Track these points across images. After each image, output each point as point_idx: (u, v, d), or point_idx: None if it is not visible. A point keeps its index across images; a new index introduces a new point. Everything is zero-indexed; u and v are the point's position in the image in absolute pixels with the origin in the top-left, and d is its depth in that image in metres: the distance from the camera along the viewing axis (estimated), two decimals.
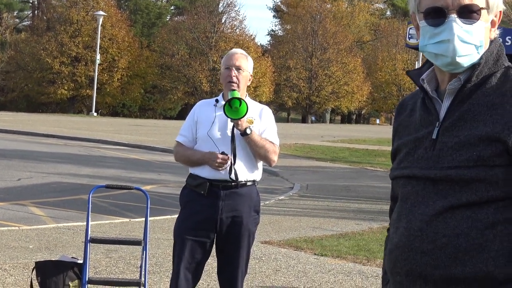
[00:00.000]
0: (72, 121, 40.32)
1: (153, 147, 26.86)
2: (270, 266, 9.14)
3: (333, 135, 37.42)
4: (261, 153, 5.59)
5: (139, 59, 59.86)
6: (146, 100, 63.64)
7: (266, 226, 11.93)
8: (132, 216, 12.64)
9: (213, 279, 7.74)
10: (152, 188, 16.15)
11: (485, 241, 2.30)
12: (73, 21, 57.13)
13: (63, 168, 19.07)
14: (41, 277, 6.74)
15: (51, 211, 12.99)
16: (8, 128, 31.15)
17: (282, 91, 63.68)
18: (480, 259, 2.30)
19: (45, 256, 8.76)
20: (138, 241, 6.90)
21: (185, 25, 60.62)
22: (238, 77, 5.66)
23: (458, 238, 2.33)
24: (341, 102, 66.10)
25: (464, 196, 2.35)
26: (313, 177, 20.41)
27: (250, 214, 5.63)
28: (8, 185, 15.74)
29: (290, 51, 64.65)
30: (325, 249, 10.27)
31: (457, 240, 2.33)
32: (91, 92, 52.09)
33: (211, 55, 58.12)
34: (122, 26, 58.77)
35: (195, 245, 5.56)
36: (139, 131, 34.85)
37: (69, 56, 56.34)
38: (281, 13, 76.11)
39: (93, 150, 24.91)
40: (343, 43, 64.82)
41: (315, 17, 65.19)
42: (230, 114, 5.43)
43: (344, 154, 27.36)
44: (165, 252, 9.34)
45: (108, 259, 9.04)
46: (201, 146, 5.61)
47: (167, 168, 20.31)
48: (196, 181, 5.58)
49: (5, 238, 10.06)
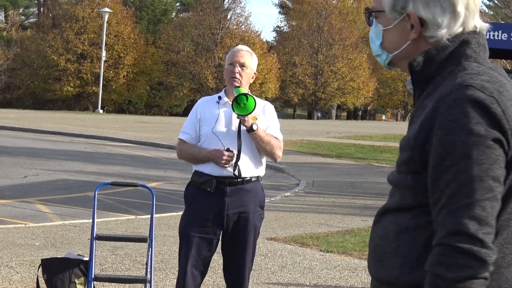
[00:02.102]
0: (78, 118, 40.34)
1: (159, 144, 26.86)
2: (276, 262, 9.14)
3: (339, 131, 37.39)
4: (267, 149, 5.60)
5: (145, 56, 59.85)
6: (152, 97, 63.66)
7: (272, 222, 11.93)
8: (138, 213, 12.65)
9: (219, 276, 7.74)
10: (158, 185, 16.16)
11: (398, 246, 2.33)
12: (79, 18, 57.14)
13: (69, 165, 19.08)
14: (47, 275, 6.74)
15: (57, 208, 13.00)
16: (14, 125, 31.19)
17: (288, 87, 63.62)
18: (392, 264, 2.33)
19: (51, 254, 8.77)
20: (144, 238, 6.90)
21: (191, 22, 60.59)
22: (241, 74, 5.66)
23: (382, 240, 2.38)
24: (347, 98, 66.02)
25: (392, 200, 2.41)
26: (319, 173, 20.40)
27: (256, 210, 5.64)
28: (15, 182, 15.76)
29: (296, 47, 64.58)
30: (331, 245, 10.26)
31: (381, 243, 2.38)
32: (97, 89, 52.11)
33: (217, 52, 58.09)
34: (128, 23, 58.76)
35: (202, 242, 5.56)
36: (145, 128, 34.86)
37: (74, 53, 56.36)
38: (287, 9, 76.03)
39: (99, 147, 24.93)
40: (348, 39, 64.72)
41: (320, 13, 65.09)
42: (238, 111, 5.42)
43: (350, 150, 27.34)
44: (171, 249, 9.34)
45: (114, 256, 9.05)
46: (206, 144, 5.61)
47: (173, 165, 20.31)
48: (202, 178, 5.58)
49: (12, 236, 10.08)
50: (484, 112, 2.19)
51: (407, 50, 2.41)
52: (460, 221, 2.17)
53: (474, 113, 2.19)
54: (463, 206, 2.17)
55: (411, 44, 2.40)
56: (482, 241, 2.14)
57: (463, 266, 2.14)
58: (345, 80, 64.42)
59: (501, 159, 2.19)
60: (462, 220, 2.16)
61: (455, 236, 2.16)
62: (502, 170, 2.19)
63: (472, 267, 2.13)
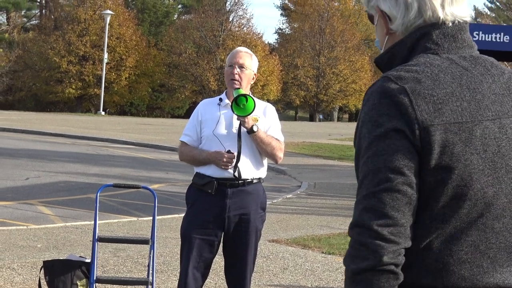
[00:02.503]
0: (80, 120, 40.36)
1: (161, 146, 26.87)
2: (277, 264, 9.14)
3: (341, 133, 37.40)
4: (268, 150, 5.60)
5: (147, 58, 59.86)
6: (153, 99, 63.67)
7: (273, 224, 11.93)
8: (139, 215, 12.66)
9: (220, 278, 7.74)
10: (160, 187, 16.16)
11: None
12: (81, 20, 57.16)
13: (71, 167, 19.09)
14: (49, 276, 6.75)
15: (59, 210, 13.00)
16: (16, 127, 31.20)
17: (290, 89, 63.63)
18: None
19: (53, 255, 8.77)
20: (145, 240, 6.90)
21: (193, 24, 60.60)
22: (240, 75, 5.67)
23: None
24: (348, 100, 66.03)
25: None
26: (321, 175, 20.40)
27: (257, 211, 5.64)
28: (16, 184, 15.76)
29: (298, 49, 64.59)
30: (333, 247, 10.26)
31: None
32: (99, 91, 52.12)
33: (219, 54, 58.10)
34: (130, 25, 58.78)
35: (203, 244, 5.56)
36: (147, 130, 34.87)
37: (76, 55, 56.39)
38: (289, 11, 76.05)
39: (101, 149, 24.94)
40: (350, 41, 64.73)
41: (322, 15, 65.11)
42: (237, 112, 5.42)
43: (352, 152, 27.31)
44: (173, 251, 9.34)
45: (116, 258, 9.05)
46: (207, 146, 5.61)
47: (175, 167, 20.32)
48: (204, 180, 5.58)
49: (14, 237, 10.08)
50: (391, 103, 2.16)
51: (388, 45, 2.39)
52: (357, 213, 2.16)
53: (382, 105, 2.16)
54: (362, 198, 2.16)
55: (389, 39, 2.38)
56: (377, 232, 2.11)
57: (362, 258, 2.12)
58: (347, 82, 64.44)
59: (403, 150, 2.14)
60: (359, 212, 2.15)
61: (355, 228, 2.15)
62: (405, 161, 2.13)
63: (368, 259, 2.11)
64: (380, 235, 2.11)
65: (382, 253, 2.10)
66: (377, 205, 2.13)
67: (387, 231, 2.11)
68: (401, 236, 2.13)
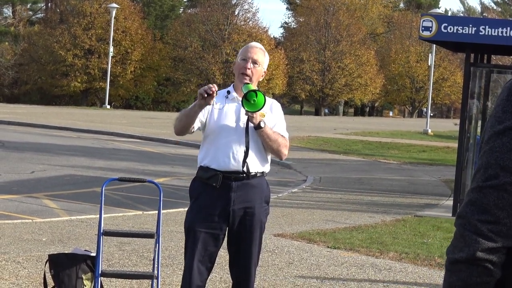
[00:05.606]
0: (85, 114, 40.39)
1: (166, 140, 26.88)
2: (283, 259, 9.13)
3: (346, 128, 37.35)
4: (274, 146, 5.58)
5: (152, 52, 59.90)
6: (159, 92, 63.73)
7: (279, 218, 11.92)
8: (145, 208, 12.66)
9: (225, 272, 7.73)
10: (165, 180, 16.17)
11: None
12: (86, 13, 57.22)
13: (76, 161, 19.11)
14: (54, 270, 6.75)
15: (64, 203, 13.02)
16: (21, 120, 31.24)
17: (295, 83, 63.62)
18: None
19: (58, 249, 8.78)
20: (151, 234, 6.90)
21: (198, 18, 60.60)
22: (252, 70, 5.64)
23: None
24: (354, 95, 66.00)
25: None
26: (326, 169, 20.38)
27: (261, 205, 5.62)
28: (22, 177, 15.78)
29: (303, 43, 64.54)
30: (338, 242, 10.25)
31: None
32: (104, 85, 52.18)
33: (224, 48, 58.11)
34: (135, 18, 58.82)
35: (208, 237, 5.55)
36: (152, 123, 34.88)
37: (82, 49, 56.45)
38: (294, 5, 75.97)
39: (107, 143, 24.95)
40: (356, 35, 64.67)
41: (328, 9, 65.05)
42: (247, 107, 5.38)
43: (357, 146, 27.30)
44: (178, 244, 9.34)
45: (121, 252, 9.05)
46: (214, 139, 5.59)
47: (180, 160, 20.32)
48: (208, 173, 5.56)
49: (19, 231, 10.09)
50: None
51: None
52: (464, 204, 2.17)
53: (509, 102, 2.17)
54: (470, 190, 2.17)
55: None
56: (476, 227, 2.11)
57: (459, 249, 2.13)
58: (353, 77, 64.38)
59: None
60: (465, 203, 2.17)
61: (458, 219, 2.17)
62: None
63: (463, 250, 2.12)
64: (479, 230, 2.11)
65: (476, 248, 2.10)
66: (482, 200, 2.13)
67: (487, 227, 2.11)
68: (502, 235, 2.12)
